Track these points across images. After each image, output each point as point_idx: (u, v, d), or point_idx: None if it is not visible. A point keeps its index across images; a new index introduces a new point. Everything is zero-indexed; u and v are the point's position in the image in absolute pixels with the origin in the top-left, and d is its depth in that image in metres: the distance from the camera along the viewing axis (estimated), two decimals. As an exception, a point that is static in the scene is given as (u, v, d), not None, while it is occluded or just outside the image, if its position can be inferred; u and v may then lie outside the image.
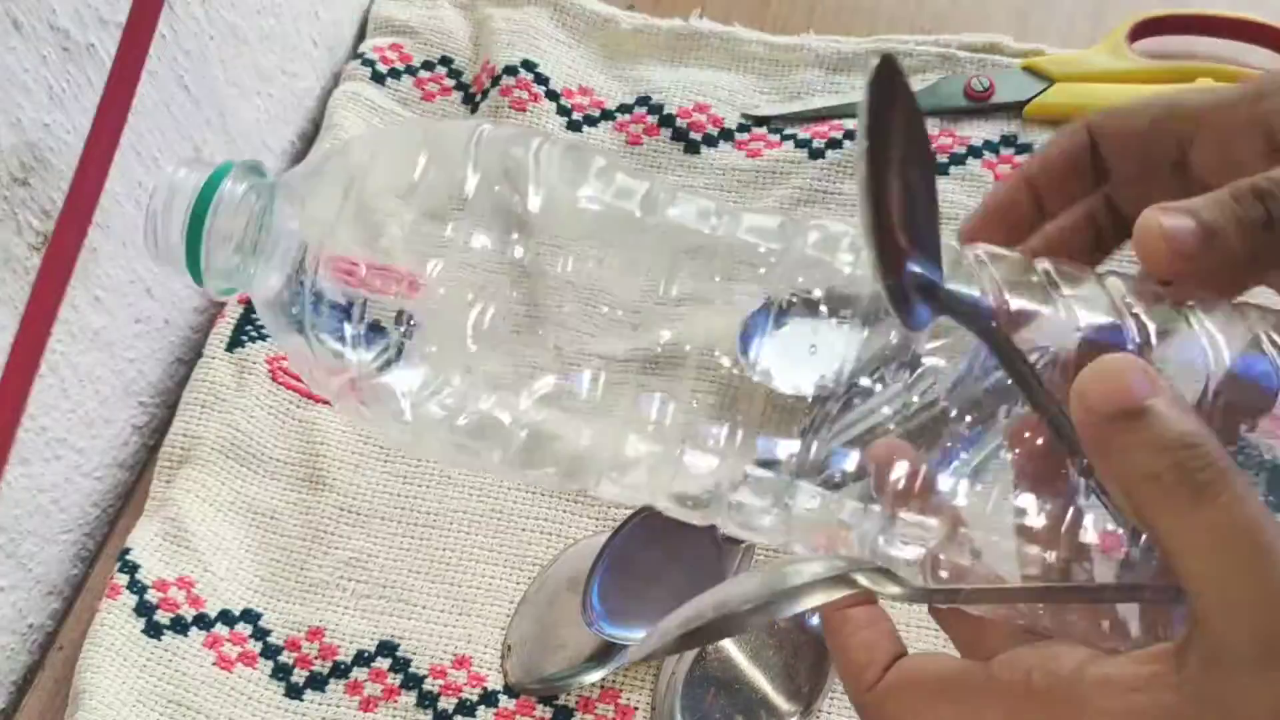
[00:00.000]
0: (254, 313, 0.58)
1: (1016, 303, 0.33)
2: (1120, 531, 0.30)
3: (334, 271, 0.38)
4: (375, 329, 0.38)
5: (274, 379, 0.57)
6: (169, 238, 0.37)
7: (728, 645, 0.49)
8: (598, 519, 0.53)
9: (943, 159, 0.61)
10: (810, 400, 0.35)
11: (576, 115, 0.64)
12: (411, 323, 0.38)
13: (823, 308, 0.37)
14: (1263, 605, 0.25)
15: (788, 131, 0.63)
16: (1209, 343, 0.31)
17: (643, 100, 0.64)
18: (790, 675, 0.49)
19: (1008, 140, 0.61)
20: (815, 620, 0.49)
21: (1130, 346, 0.31)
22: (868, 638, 0.32)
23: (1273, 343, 0.32)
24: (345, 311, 0.38)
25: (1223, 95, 0.35)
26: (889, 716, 0.31)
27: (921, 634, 0.49)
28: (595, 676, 0.50)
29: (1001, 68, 0.63)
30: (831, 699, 0.49)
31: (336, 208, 0.38)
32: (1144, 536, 0.29)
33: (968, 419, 0.33)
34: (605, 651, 0.49)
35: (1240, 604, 0.25)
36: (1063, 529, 0.31)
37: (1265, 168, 0.32)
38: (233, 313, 0.58)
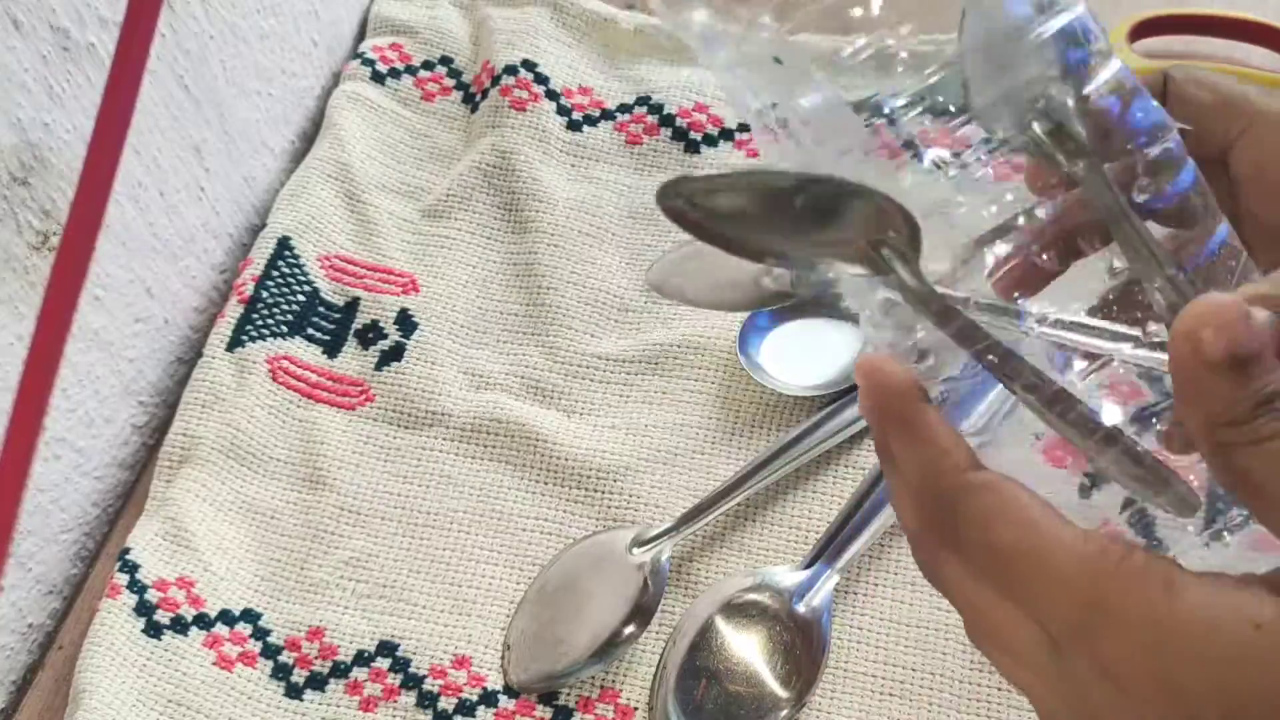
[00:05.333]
0: (254, 313, 0.58)
1: None
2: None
3: None
4: None
5: (274, 379, 0.57)
6: None
7: (721, 635, 0.49)
8: (598, 519, 0.53)
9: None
10: None
11: (576, 115, 0.64)
12: None
13: None
14: None
15: (788, 131, 0.63)
16: None
17: (643, 100, 0.64)
18: (783, 666, 0.49)
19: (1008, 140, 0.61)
20: (804, 609, 0.49)
21: None
22: (947, 427, 0.30)
23: None
24: None
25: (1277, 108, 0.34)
26: (967, 508, 0.29)
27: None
28: (594, 671, 0.50)
29: (1001, 68, 0.63)
30: (823, 690, 0.49)
31: None
32: None
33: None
34: (604, 648, 0.50)
35: None
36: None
37: None
38: (233, 313, 0.58)
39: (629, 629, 0.50)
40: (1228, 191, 0.34)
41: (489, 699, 0.50)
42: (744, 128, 0.63)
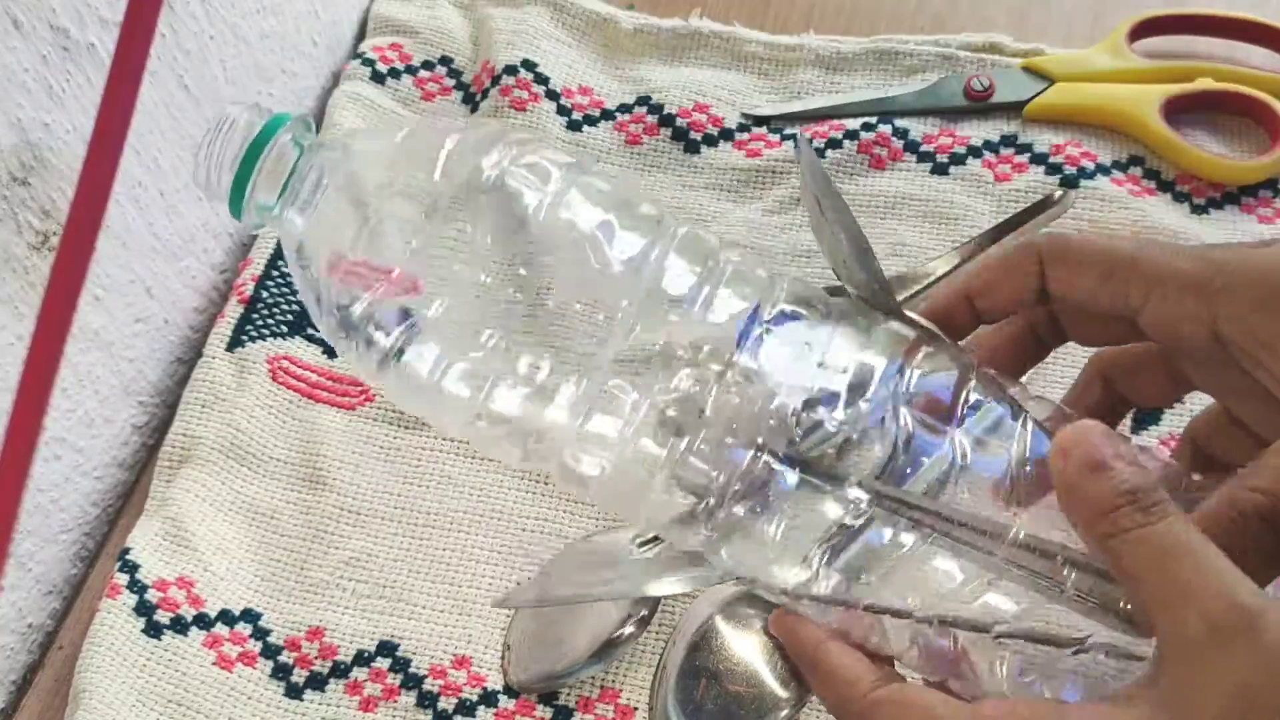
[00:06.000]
0: (254, 313, 0.58)
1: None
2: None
3: (341, 273, 0.40)
4: (379, 317, 0.41)
5: (274, 379, 0.57)
6: (220, 173, 0.40)
7: (721, 635, 0.49)
8: (598, 519, 0.53)
9: (943, 159, 0.61)
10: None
11: (576, 115, 0.64)
12: (411, 322, 0.40)
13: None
14: (1206, 592, 0.29)
15: (788, 131, 0.63)
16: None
17: (643, 100, 0.64)
18: (783, 666, 0.49)
19: (1008, 140, 0.61)
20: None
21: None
22: (850, 659, 0.35)
23: None
24: (351, 301, 0.41)
25: (1177, 268, 0.35)
26: None
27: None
28: (594, 671, 0.50)
29: (1001, 67, 0.63)
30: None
31: (346, 211, 0.41)
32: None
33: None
34: (604, 648, 0.50)
35: (1188, 594, 0.29)
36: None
37: (1209, 355, 0.35)
38: (233, 313, 0.58)
39: (629, 629, 0.50)
40: (1135, 334, 0.37)
41: (489, 699, 0.50)
42: (744, 128, 0.63)
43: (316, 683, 0.51)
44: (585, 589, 0.46)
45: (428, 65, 0.66)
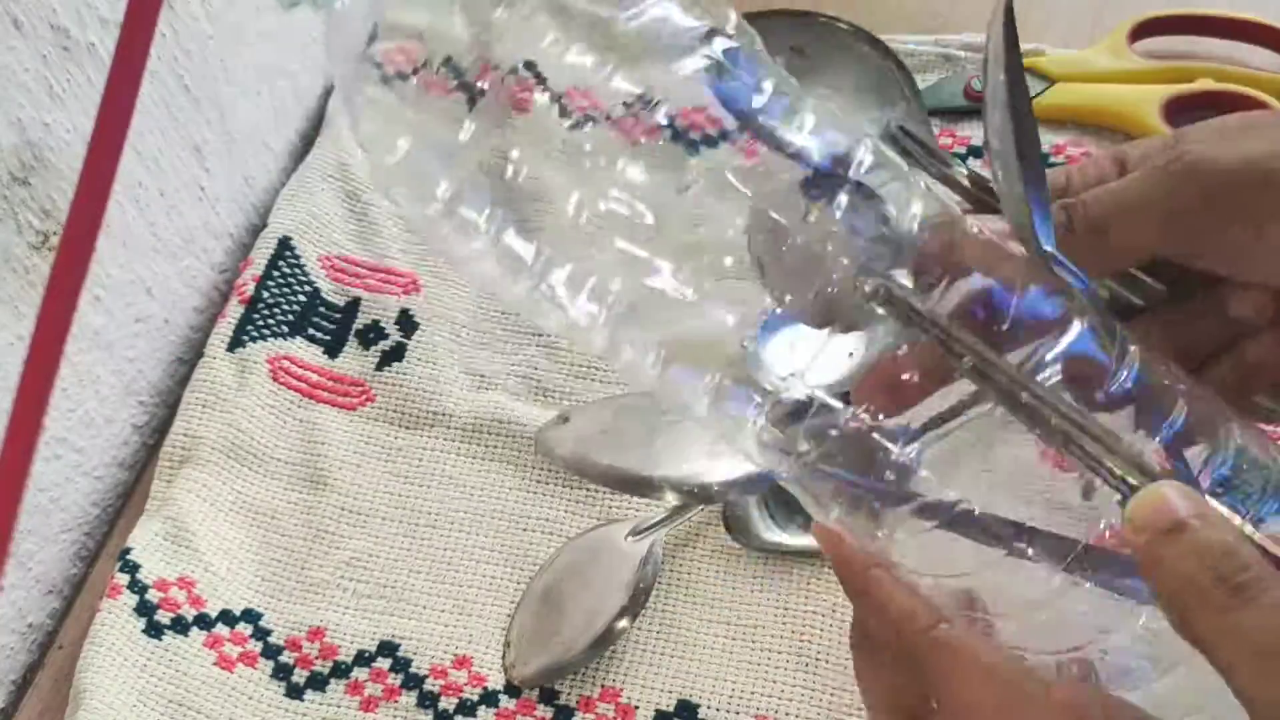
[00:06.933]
0: (255, 313, 0.58)
1: None
2: None
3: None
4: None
5: (275, 379, 0.57)
6: None
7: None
8: (598, 519, 0.53)
9: (943, 159, 0.61)
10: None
11: (576, 115, 0.64)
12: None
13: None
14: None
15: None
16: None
17: (643, 100, 0.64)
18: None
19: (1008, 140, 0.61)
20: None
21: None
22: (903, 592, 0.33)
23: None
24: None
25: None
26: (934, 668, 0.31)
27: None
28: (592, 659, 0.50)
29: (1002, 67, 0.63)
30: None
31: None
32: None
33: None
34: (602, 638, 0.49)
35: None
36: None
37: None
38: (234, 312, 0.58)
39: (622, 623, 0.50)
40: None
41: (490, 699, 0.50)
42: (744, 128, 0.63)
43: (317, 683, 0.51)
44: (624, 461, 0.40)
45: (427, 65, 0.66)
